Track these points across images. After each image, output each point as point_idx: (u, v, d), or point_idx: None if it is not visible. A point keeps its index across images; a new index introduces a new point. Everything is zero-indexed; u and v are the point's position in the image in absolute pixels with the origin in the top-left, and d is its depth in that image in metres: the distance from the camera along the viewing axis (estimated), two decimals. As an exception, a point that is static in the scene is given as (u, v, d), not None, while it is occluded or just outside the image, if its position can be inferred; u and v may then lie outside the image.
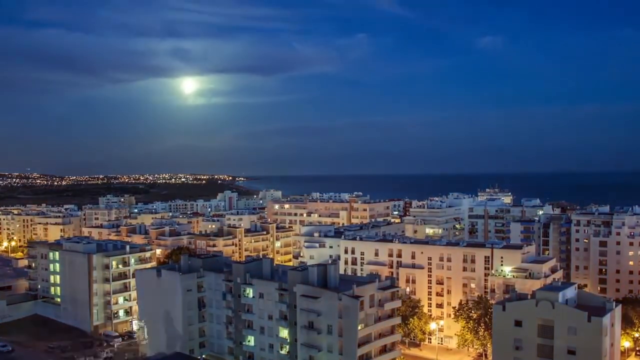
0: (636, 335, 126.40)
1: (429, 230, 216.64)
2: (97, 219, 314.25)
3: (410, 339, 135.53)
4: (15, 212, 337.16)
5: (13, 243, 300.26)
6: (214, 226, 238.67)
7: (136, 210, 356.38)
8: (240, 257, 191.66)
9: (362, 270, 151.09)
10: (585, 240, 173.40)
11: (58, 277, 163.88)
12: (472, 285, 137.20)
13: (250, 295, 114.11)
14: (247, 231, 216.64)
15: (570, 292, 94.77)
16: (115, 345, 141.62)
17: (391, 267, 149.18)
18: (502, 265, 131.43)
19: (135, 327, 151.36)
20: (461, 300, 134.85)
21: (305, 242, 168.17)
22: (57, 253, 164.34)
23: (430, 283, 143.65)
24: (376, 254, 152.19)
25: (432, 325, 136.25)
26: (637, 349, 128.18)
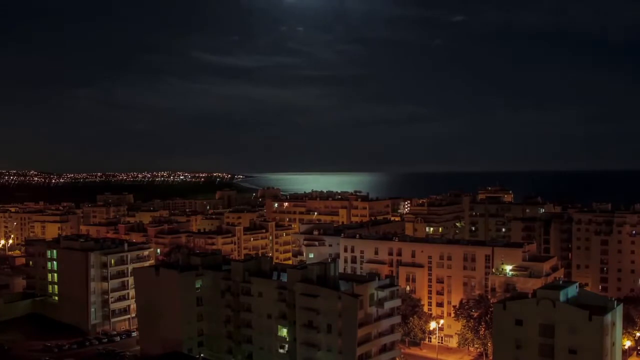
0: (638, 334, 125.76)
1: (429, 229, 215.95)
2: (95, 217, 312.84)
3: (410, 338, 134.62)
4: (13, 210, 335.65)
5: (10, 241, 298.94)
6: (213, 224, 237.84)
7: (135, 208, 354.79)
8: (239, 256, 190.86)
9: (361, 268, 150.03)
10: (586, 239, 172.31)
11: (55, 275, 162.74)
12: (473, 284, 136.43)
13: (249, 293, 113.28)
14: (247, 229, 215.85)
15: (572, 291, 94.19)
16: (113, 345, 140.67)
17: (391, 265, 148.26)
18: (502, 263, 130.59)
19: (133, 326, 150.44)
20: (462, 299, 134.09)
21: (304, 240, 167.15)
22: (54, 251, 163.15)
23: (431, 282, 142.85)
24: (376, 253, 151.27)
25: (432, 324, 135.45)
26: (639, 348, 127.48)
